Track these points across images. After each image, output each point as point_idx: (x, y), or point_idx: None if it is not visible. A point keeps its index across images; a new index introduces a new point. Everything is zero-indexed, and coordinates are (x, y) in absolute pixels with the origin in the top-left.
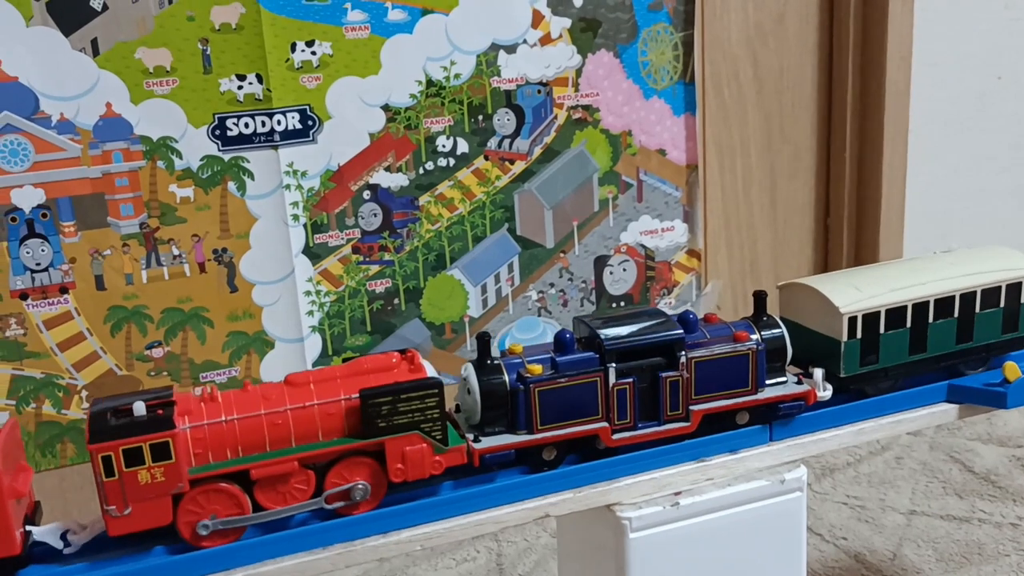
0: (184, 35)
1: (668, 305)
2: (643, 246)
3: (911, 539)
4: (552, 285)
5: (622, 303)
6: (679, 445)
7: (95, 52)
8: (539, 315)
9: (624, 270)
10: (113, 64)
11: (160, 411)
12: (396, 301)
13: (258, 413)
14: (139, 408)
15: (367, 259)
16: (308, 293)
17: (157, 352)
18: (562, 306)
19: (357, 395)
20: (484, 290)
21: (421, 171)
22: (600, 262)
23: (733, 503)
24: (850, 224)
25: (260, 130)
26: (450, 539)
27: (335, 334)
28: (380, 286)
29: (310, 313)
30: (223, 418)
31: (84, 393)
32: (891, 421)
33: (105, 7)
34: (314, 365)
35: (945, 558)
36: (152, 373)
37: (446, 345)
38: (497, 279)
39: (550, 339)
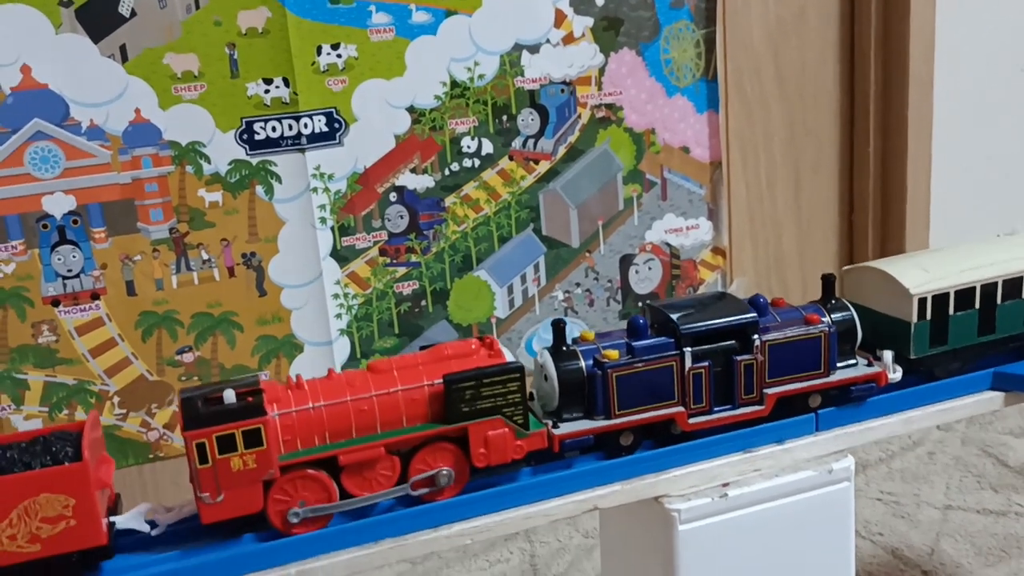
0: (211, 40)
1: None
2: (668, 244)
3: (948, 534)
4: (578, 285)
5: (648, 302)
6: (726, 436)
7: (124, 58)
8: (565, 315)
9: (649, 269)
10: (141, 70)
11: (250, 398)
12: (423, 303)
13: (344, 400)
14: (229, 396)
15: (394, 261)
16: (336, 296)
17: (187, 357)
18: (588, 306)
19: (440, 381)
20: (510, 291)
21: (446, 172)
22: (625, 261)
23: (781, 494)
24: (875, 218)
25: (287, 134)
26: (504, 532)
27: (363, 336)
28: (407, 288)
29: (338, 316)
30: (311, 405)
31: (116, 399)
32: (938, 410)
33: (133, 13)
34: (343, 368)
35: (984, 552)
36: (183, 378)
37: None
38: (523, 279)
39: None
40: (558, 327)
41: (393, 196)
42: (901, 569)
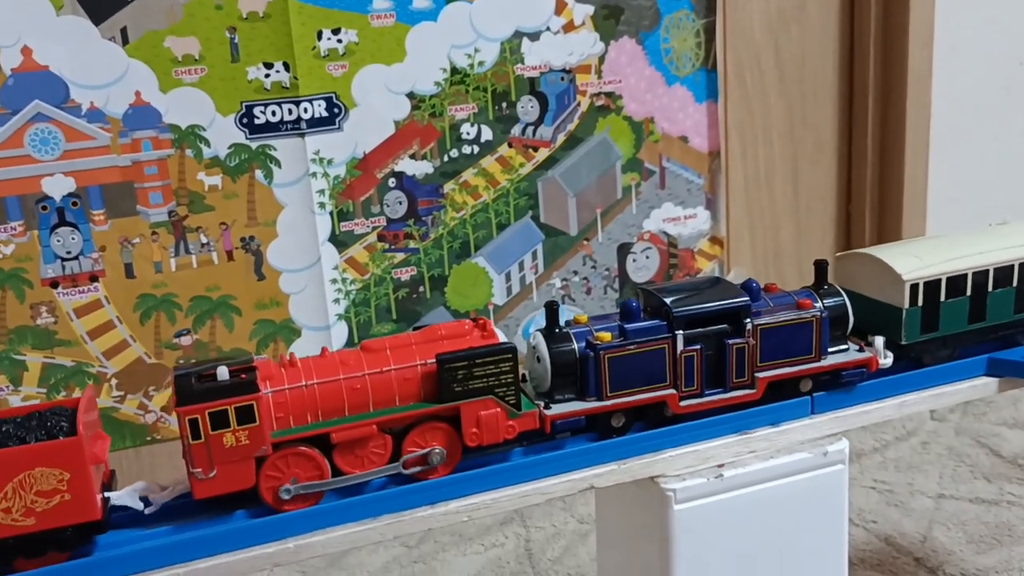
0: (212, 24)
1: None
2: (666, 233)
3: (941, 522)
4: (576, 273)
5: (641, 285)
6: (722, 417)
7: (124, 41)
8: (563, 302)
9: (647, 257)
10: (142, 53)
11: (243, 375)
12: (421, 289)
13: (337, 378)
14: (223, 373)
15: (392, 247)
16: (334, 281)
17: (185, 340)
18: (585, 294)
19: (433, 360)
20: (508, 278)
21: (445, 158)
22: (623, 249)
23: (776, 475)
24: (872, 210)
25: (287, 118)
26: (498, 510)
27: (361, 322)
28: (405, 274)
29: (336, 301)
30: (303, 383)
31: (114, 381)
32: (933, 394)
33: None
34: None
35: (976, 540)
36: (180, 361)
37: None
38: (521, 267)
39: None
40: (551, 308)
41: (392, 182)
42: (894, 556)
